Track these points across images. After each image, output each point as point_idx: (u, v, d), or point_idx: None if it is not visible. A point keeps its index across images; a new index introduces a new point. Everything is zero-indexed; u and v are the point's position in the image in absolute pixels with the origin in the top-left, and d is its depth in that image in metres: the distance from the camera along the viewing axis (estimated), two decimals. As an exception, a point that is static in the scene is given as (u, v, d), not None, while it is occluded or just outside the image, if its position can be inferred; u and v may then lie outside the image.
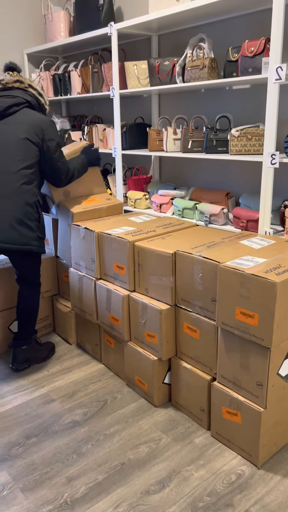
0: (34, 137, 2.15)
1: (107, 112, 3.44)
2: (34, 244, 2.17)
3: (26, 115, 2.17)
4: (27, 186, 2.14)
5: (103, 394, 2.23)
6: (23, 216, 2.12)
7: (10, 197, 2.09)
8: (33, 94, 2.25)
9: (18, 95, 2.18)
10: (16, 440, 1.92)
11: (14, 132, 2.13)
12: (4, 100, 2.16)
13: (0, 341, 2.61)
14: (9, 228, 2.09)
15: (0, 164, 2.10)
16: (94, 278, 2.36)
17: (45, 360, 2.53)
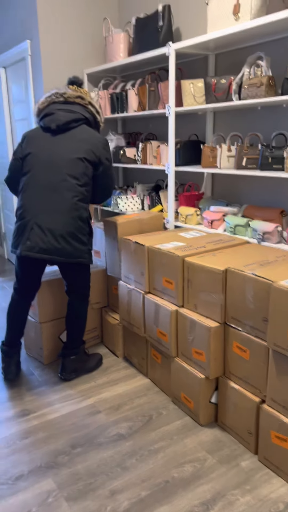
0: (91, 155, 2.20)
1: (161, 130, 3.50)
2: (85, 257, 2.24)
3: (83, 133, 2.23)
4: (81, 202, 2.20)
5: (148, 409, 2.22)
6: (76, 231, 2.18)
7: (65, 213, 2.16)
8: (92, 111, 2.31)
9: (78, 111, 2.24)
10: (62, 449, 1.95)
11: (71, 150, 2.19)
12: (64, 114, 2.21)
13: (50, 350, 2.68)
14: (63, 243, 2.15)
15: (55, 180, 2.17)
16: (143, 292, 2.38)
17: (93, 371, 2.57)
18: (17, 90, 4.01)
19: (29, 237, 2.16)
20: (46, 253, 2.16)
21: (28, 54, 3.60)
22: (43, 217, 2.15)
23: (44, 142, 2.22)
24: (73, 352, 2.46)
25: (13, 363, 2.45)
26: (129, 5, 3.58)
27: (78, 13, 3.54)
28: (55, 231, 2.15)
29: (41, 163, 2.19)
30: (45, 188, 2.17)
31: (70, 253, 2.18)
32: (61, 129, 2.22)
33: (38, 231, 2.15)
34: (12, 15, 3.80)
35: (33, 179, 2.20)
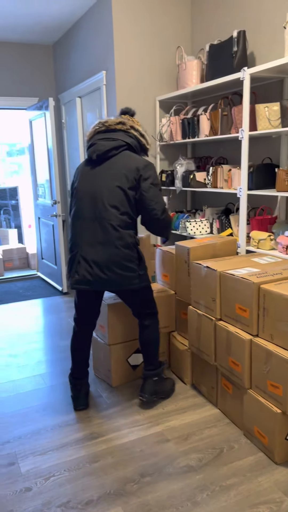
0: (129, 181, 2.15)
1: (232, 153, 3.47)
2: (135, 282, 2.20)
3: (124, 159, 2.18)
4: (124, 230, 2.16)
5: (218, 442, 2.14)
6: (122, 260, 2.15)
7: (108, 243, 2.14)
8: (134, 135, 2.25)
9: (118, 137, 2.20)
10: (131, 477, 1.92)
11: (109, 178, 2.16)
12: (104, 143, 2.19)
13: (119, 373, 2.69)
14: (109, 274, 2.15)
15: (96, 211, 2.16)
16: (214, 318, 2.32)
17: (170, 394, 2.54)
18: (91, 118, 4.18)
19: (77, 270, 2.20)
20: (93, 284, 2.18)
21: (103, 84, 3.75)
22: (88, 249, 2.17)
23: (87, 174, 2.24)
24: (154, 373, 2.44)
25: (82, 394, 2.46)
26: (202, 33, 3.64)
27: (152, 43, 3.65)
28: (100, 263, 2.15)
29: (84, 195, 2.21)
30: (88, 220, 2.18)
31: (118, 282, 2.17)
32: (102, 158, 2.20)
33: (84, 264, 2.17)
34: (90, 49, 4.00)
35: (78, 212, 2.23)
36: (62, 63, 4.79)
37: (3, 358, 3.14)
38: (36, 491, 1.85)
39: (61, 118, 5.00)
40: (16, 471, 1.97)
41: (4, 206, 11.22)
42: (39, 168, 4.95)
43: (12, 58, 4.85)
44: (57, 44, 4.86)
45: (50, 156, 4.45)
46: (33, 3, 3.72)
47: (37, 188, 5.12)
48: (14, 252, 6.03)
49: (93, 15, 3.83)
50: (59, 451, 2.10)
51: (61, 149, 5.18)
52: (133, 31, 3.56)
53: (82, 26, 4.11)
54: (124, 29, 3.52)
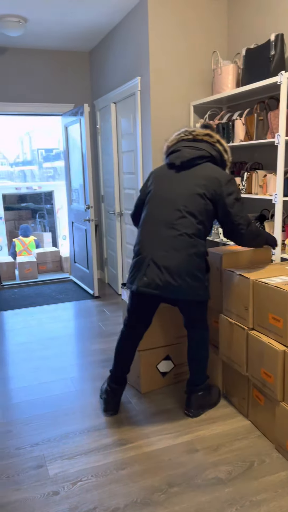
0: (210, 192, 2.14)
1: (268, 159, 3.40)
2: (200, 293, 2.17)
3: (206, 170, 2.18)
4: (198, 239, 2.15)
5: (249, 455, 2.08)
6: (193, 268, 2.13)
7: (181, 250, 2.12)
8: (219, 149, 2.25)
9: (204, 148, 2.21)
10: (158, 486, 1.89)
11: (190, 185, 2.16)
12: (189, 151, 2.20)
13: (148, 379, 2.67)
14: (180, 281, 2.11)
15: (172, 217, 2.15)
16: (247, 328, 2.27)
17: (215, 405, 2.49)
18: (125, 124, 4.21)
19: (145, 273, 2.16)
20: (162, 290, 2.14)
21: (137, 89, 3.77)
22: (160, 254, 2.14)
23: (167, 179, 2.25)
24: (200, 388, 2.40)
25: (115, 400, 2.44)
26: (238, 37, 3.60)
27: (188, 48, 3.64)
28: (171, 269, 2.12)
29: (160, 200, 2.21)
30: (162, 224, 2.17)
31: (186, 291, 2.13)
32: (185, 165, 2.22)
33: (155, 268, 2.14)
34: (126, 55, 4.04)
35: (151, 215, 2.23)
36: (98, 70, 4.85)
37: (35, 360, 3.18)
38: (64, 495, 1.85)
39: (96, 124, 5.06)
40: (44, 474, 1.99)
41: (39, 210, 11.47)
42: (73, 173, 5.02)
43: (49, 65, 4.96)
44: (93, 51, 4.93)
45: (85, 161, 4.50)
46: (72, 12, 3.79)
47: (71, 192, 5.19)
48: (48, 255, 6.14)
49: (129, 22, 3.86)
50: (87, 456, 2.10)
51: (95, 155, 5.24)
52: (168, 36, 3.56)
53: (118, 33, 4.14)
54: (160, 34, 3.53)
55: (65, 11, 3.78)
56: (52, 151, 19.42)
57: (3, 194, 8.83)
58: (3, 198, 8.91)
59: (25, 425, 2.37)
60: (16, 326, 3.88)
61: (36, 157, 19.67)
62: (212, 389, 2.50)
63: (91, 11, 3.81)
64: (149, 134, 3.69)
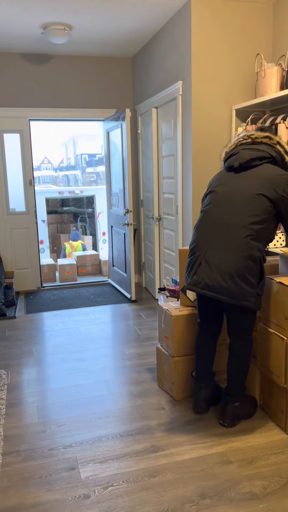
0: (271, 192, 2.10)
1: (312, 163, 3.28)
2: (251, 300, 2.10)
3: (266, 170, 2.15)
4: (254, 241, 2.09)
5: (286, 470, 2.00)
6: (245, 271, 2.08)
7: (235, 250, 2.09)
8: (280, 151, 2.21)
9: (264, 149, 2.18)
10: (190, 496, 1.85)
11: (249, 186, 2.13)
12: (248, 152, 2.18)
13: (182, 386, 2.63)
14: (229, 282, 2.08)
15: (228, 217, 2.13)
16: (286, 338, 2.19)
17: (252, 416, 2.41)
18: (166, 128, 4.20)
19: (196, 272, 2.16)
20: (210, 290, 2.12)
21: (179, 94, 3.76)
22: (213, 253, 2.13)
23: (226, 180, 2.23)
24: (237, 399, 2.33)
25: (202, 397, 2.42)
26: (283, 39, 3.51)
27: (230, 51, 3.59)
28: (222, 269, 2.09)
29: (218, 200, 2.20)
30: (218, 224, 2.15)
31: (235, 294, 2.08)
32: (244, 166, 2.19)
33: (206, 266, 2.13)
34: (168, 60, 4.04)
35: (208, 215, 2.21)
36: (140, 75, 4.88)
37: (71, 362, 3.22)
38: (94, 500, 1.85)
39: (137, 129, 5.08)
40: (76, 477, 1.99)
41: (81, 214, 11.67)
42: (114, 177, 5.07)
43: (92, 71, 5.04)
44: (136, 56, 4.97)
45: (125, 166, 4.53)
46: (116, 19, 3.84)
47: (111, 197, 5.24)
48: (88, 258, 6.22)
49: (172, 27, 3.86)
50: (118, 461, 2.09)
51: (135, 159, 5.27)
52: (211, 40, 3.53)
53: (161, 38, 4.15)
54: (202, 38, 3.50)
55: (109, 18, 3.83)
56: (95, 156, 19.79)
57: (46, 198, 9.03)
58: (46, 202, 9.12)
59: (59, 427, 2.39)
60: (54, 327, 3.95)
61: (79, 162, 20.11)
62: (249, 400, 2.43)
63: (135, 17, 3.84)
64: (190, 139, 3.66)
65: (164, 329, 2.69)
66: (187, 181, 3.81)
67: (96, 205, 9.15)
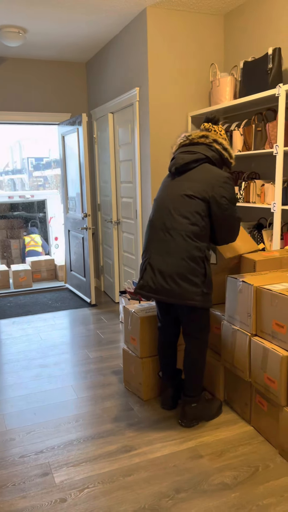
0: (202, 194, 2.16)
1: (264, 168, 3.47)
2: (197, 299, 2.17)
3: (201, 171, 2.20)
4: (193, 242, 2.16)
5: (253, 460, 2.10)
6: (187, 272, 2.15)
7: (175, 252, 2.16)
8: (217, 149, 2.25)
9: (199, 151, 2.22)
10: (166, 492, 1.90)
11: (183, 189, 2.20)
12: (183, 156, 2.23)
13: (150, 386, 2.68)
14: (172, 284, 2.15)
15: (167, 221, 2.21)
16: (249, 334, 2.30)
17: (213, 418, 2.45)
18: (123, 133, 4.26)
19: (142, 277, 2.26)
20: (155, 293, 2.20)
21: (136, 100, 3.83)
22: (155, 257, 2.22)
23: (165, 186, 2.32)
24: (194, 400, 2.38)
25: (169, 395, 2.52)
26: (235, 50, 3.68)
27: (186, 60, 3.71)
28: (164, 272, 2.17)
29: (158, 206, 2.29)
30: (159, 229, 2.24)
31: (179, 295, 2.15)
32: (180, 171, 2.26)
33: (150, 271, 2.22)
34: (124, 66, 4.10)
35: (151, 221, 2.31)
36: (95, 80, 4.91)
37: (35, 368, 3.17)
38: (71, 503, 1.85)
39: (93, 133, 5.10)
40: (51, 482, 1.98)
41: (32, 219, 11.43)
42: (70, 181, 5.04)
43: (46, 75, 5.00)
44: (90, 61, 4.99)
45: (82, 170, 4.54)
46: (71, 24, 3.85)
47: (67, 201, 5.21)
48: (43, 263, 6.12)
49: (128, 34, 3.92)
50: (92, 463, 2.10)
51: (91, 163, 5.28)
52: (167, 48, 3.63)
53: (116, 44, 4.21)
54: (159, 46, 3.60)
55: (64, 22, 3.84)
56: (42, 160, 19.43)
57: (-4, 203, 8.79)
58: (-4, 207, 8.87)
59: (28, 433, 2.36)
60: (14, 335, 3.87)
61: (26, 165, 19.67)
62: (212, 403, 2.47)
63: (90, 23, 3.87)
64: (148, 144, 3.74)
65: (131, 331, 2.73)
66: (146, 185, 3.88)
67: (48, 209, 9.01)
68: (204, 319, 2.32)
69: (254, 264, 2.53)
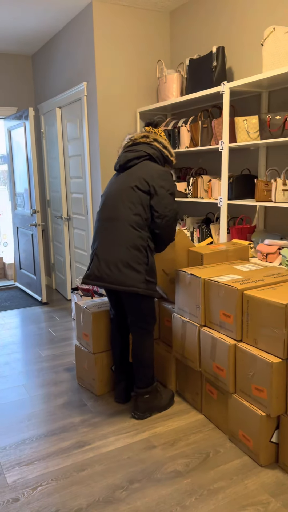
0: (144, 185, 2.26)
1: (211, 164, 3.56)
2: (140, 286, 2.24)
3: (142, 166, 2.31)
4: (136, 231, 2.25)
5: (205, 447, 2.17)
6: (130, 260, 2.23)
7: (118, 242, 2.25)
8: (157, 147, 2.38)
9: (141, 149, 2.35)
10: (120, 483, 1.92)
11: (126, 181, 2.30)
12: (126, 154, 2.36)
13: (103, 381, 2.69)
14: (115, 270, 2.23)
15: (112, 211, 2.30)
16: (198, 325, 2.37)
17: (166, 409, 2.50)
18: (71, 128, 4.21)
19: (89, 267, 2.34)
20: (100, 280, 2.27)
21: (84, 95, 3.80)
22: (101, 247, 2.30)
23: (112, 182, 2.42)
24: (145, 391, 2.41)
25: (122, 388, 2.57)
26: (182, 47, 3.74)
27: (133, 56, 3.73)
28: (108, 260, 2.26)
29: (105, 200, 2.38)
30: (105, 220, 2.33)
31: (122, 281, 2.23)
32: (123, 167, 2.36)
33: (96, 260, 2.31)
34: (71, 60, 4.05)
35: (99, 213, 2.40)
36: (41, 74, 4.81)
37: (-16, 369, 3.09)
38: (24, 502, 1.83)
39: (40, 128, 5.00)
40: (2, 482, 1.94)
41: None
42: (18, 177, 4.93)
43: (-10, 67, 4.85)
44: (36, 54, 4.89)
45: (30, 166, 4.44)
46: (14, 16, 3.75)
47: (15, 197, 5.09)
48: (-9, 262, 5.94)
49: (74, 28, 3.88)
50: (45, 461, 2.08)
51: (40, 159, 5.18)
52: (114, 44, 3.63)
53: (63, 38, 4.15)
54: (105, 41, 3.59)
55: (6, 14, 3.73)
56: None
57: None
58: None
59: (-22, 435, 2.30)
60: None
61: None
62: (164, 393, 2.53)
63: (35, 15, 3.78)
64: (97, 139, 3.72)
65: (83, 327, 2.73)
66: (96, 180, 3.87)
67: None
68: (147, 307, 2.37)
69: (201, 257, 2.60)
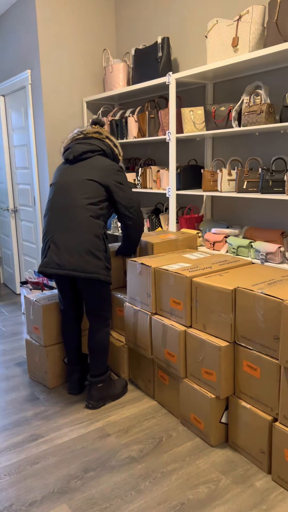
0: (100, 178, 2.32)
1: (159, 155, 3.59)
2: (101, 272, 2.27)
3: (97, 161, 2.37)
4: (94, 219, 2.29)
5: (158, 431, 2.22)
6: (91, 247, 2.25)
7: (79, 229, 2.25)
8: (109, 144, 2.46)
9: (95, 143, 2.40)
10: (74, 473, 1.93)
11: (82, 173, 2.34)
12: (81, 146, 2.38)
13: (55, 374, 2.67)
14: (77, 257, 2.23)
15: (68, 200, 2.30)
16: (150, 313, 2.40)
17: (119, 397, 2.53)
18: (16, 117, 4.09)
19: (46, 255, 2.30)
20: (61, 268, 2.25)
21: (28, 83, 3.69)
22: (59, 235, 2.28)
23: (63, 172, 2.41)
24: (99, 380, 2.43)
25: (75, 379, 2.57)
26: (127, 37, 3.73)
27: (78, 44, 3.66)
28: (69, 247, 2.24)
29: (58, 189, 2.36)
30: (61, 209, 2.31)
31: (84, 268, 2.23)
32: (78, 159, 2.38)
33: (54, 248, 2.27)
34: (13, 46, 3.92)
35: (51, 203, 2.37)
36: (-18, 60, 4.62)
37: None
38: (-24, 499, 1.79)
39: (-17, 117, 4.81)
40: None
41: None
42: None
43: None
44: (-24, 40, 4.68)
45: (-27, 156, 4.27)
46: None
47: None
48: None
49: (15, 13, 3.75)
50: (-3, 457, 2.05)
51: (-17, 149, 4.99)
52: (59, 31, 3.55)
53: (3, 23, 4.00)
54: (49, 28, 3.50)
55: None
56: None
57: None
58: None
59: None
60: None
61: None
62: (117, 382, 2.57)
63: (-26, -3, 3.62)
64: (43, 129, 3.64)
65: (33, 320, 2.68)
66: (43, 171, 3.79)
67: None
68: (107, 294, 2.41)
69: (152, 247, 2.63)
